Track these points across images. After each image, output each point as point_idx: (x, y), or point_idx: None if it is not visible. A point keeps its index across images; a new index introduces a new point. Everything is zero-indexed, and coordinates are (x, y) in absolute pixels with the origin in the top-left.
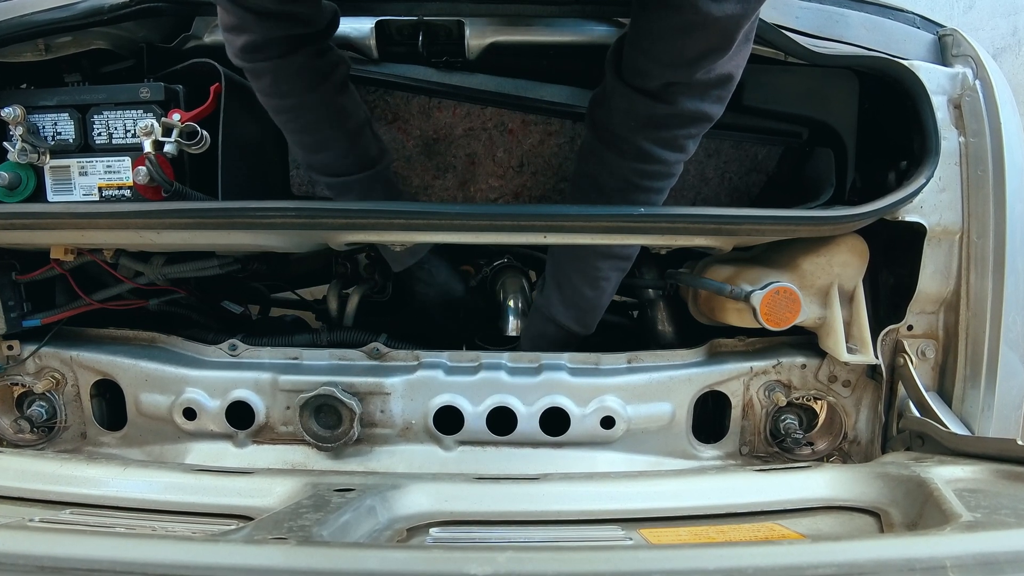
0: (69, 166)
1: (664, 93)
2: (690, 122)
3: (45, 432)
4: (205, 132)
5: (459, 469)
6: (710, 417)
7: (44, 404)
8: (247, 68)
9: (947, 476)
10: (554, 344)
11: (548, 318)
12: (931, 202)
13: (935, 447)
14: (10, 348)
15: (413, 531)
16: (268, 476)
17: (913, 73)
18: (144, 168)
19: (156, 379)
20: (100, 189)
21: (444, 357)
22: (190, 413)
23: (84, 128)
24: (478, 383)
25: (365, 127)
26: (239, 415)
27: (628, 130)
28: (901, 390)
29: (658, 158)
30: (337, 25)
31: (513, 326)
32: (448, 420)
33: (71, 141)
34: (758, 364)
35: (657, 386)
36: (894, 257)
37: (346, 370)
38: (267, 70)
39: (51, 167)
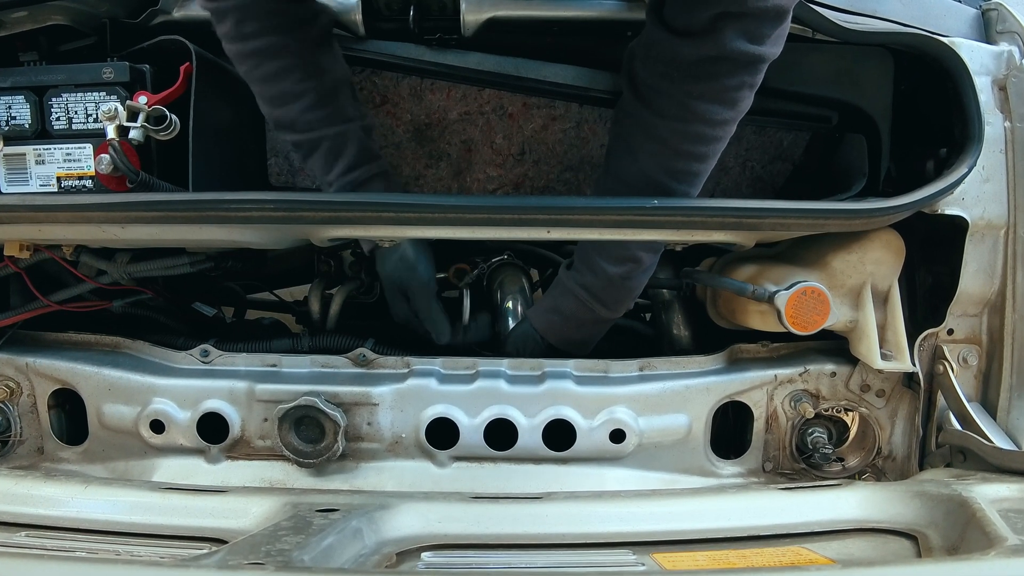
0: (25, 154)
1: (712, 29)
2: (742, 67)
3: None
4: (174, 116)
5: (454, 487)
6: (730, 430)
7: None
8: (210, 8)
9: (991, 495)
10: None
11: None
12: (973, 193)
13: (978, 463)
14: None
15: (403, 556)
16: (244, 495)
17: (953, 51)
18: (107, 156)
19: (120, 388)
20: (59, 179)
21: (437, 364)
22: (158, 426)
23: (41, 112)
24: (475, 393)
25: (343, 87)
26: (212, 428)
27: (670, 81)
28: (940, 400)
29: (703, 115)
30: None
31: None
32: (442, 433)
33: (27, 126)
34: (783, 372)
35: (672, 396)
36: (933, 254)
37: (329, 378)
38: (229, 9)
39: (5, 155)
